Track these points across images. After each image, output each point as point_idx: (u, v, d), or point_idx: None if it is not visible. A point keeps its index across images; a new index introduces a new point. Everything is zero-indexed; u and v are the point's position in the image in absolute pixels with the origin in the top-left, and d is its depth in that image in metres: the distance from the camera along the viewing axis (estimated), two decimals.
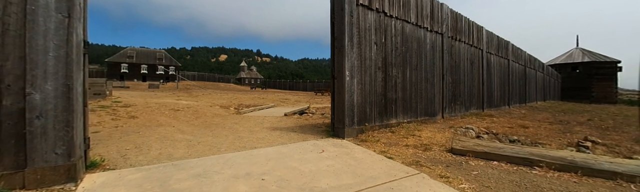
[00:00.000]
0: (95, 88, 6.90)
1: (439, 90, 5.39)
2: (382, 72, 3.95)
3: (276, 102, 10.28)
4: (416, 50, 4.72)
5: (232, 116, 5.75)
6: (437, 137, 3.61)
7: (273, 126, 4.38)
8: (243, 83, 59.97)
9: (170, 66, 50.36)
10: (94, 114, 4.61)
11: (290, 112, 6.16)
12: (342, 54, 3.34)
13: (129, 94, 12.65)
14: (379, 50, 3.91)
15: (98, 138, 3.18)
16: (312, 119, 5.52)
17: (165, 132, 3.70)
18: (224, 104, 8.36)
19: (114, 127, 3.86)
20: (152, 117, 4.94)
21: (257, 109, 7.47)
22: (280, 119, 5.32)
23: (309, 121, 5.12)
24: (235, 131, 3.89)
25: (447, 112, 5.63)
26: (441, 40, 5.49)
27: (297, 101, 11.85)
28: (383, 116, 3.92)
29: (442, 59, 5.52)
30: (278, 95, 17.95)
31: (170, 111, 5.70)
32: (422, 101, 4.83)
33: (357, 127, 3.44)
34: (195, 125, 4.46)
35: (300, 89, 43.79)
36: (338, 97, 3.40)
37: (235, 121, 4.99)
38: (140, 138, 3.30)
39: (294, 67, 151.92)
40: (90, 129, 3.83)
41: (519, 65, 11.36)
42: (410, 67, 4.54)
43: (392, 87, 4.13)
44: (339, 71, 3.39)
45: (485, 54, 7.73)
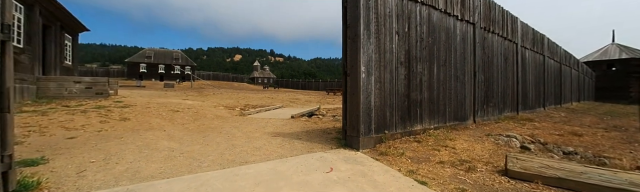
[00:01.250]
0: (97, 87, 6.64)
1: (471, 90, 4.60)
2: (405, 68, 3.26)
3: (285, 103, 9.74)
4: (444, 43, 3.97)
5: (234, 118, 5.24)
6: (476, 149, 2.88)
7: (276, 131, 3.80)
8: (256, 82, 60.31)
9: (186, 66, 51.39)
10: (84, 116, 4.23)
11: (297, 114, 5.58)
12: (356, 46, 2.69)
13: (140, 93, 12.57)
14: (402, 42, 3.22)
15: (69, 146, 2.73)
16: (321, 122, 4.89)
17: (150, 139, 3.20)
18: (229, 104, 7.91)
19: (97, 132, 3.42)
20: (145, 119, 4.51)
21: (263, 110, 6.94)
22: (285, 122, 4.74)
23: (317, 125, 4.50)
24: (230, 137, 3.34)
25: (479, 115, 4.83)
26: (473, 31, 4.70)
27: (307, 101, 11.28)
28: (406, 122, 3.23)
29: (474, 53, 4.72)
30: (289, 94, 17.47)
31: (168, 112, 5.27)
32: (452, 103, 4.08)
33: (374, 136, 2.78)
34: (189, 129, 3.97)
35: (312, 88, 43.32)
36: (351, 98, 2.76)
37: (235, 124, 4.46)
38: (118, 146, 2.81)
39: (307, 67, 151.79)
40: (67, 134, 3.46)
41: (554, 62, 10.18)
42: (437, 63, 3.81)
43: (417, 87, 3.42)
44: (352, 67, 2.75)
45: (520, 48, 6.79)
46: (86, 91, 6.50)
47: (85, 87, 6.50)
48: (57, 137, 3.02)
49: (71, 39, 8.45)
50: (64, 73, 7.80)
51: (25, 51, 5.43)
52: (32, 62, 5.84)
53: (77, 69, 9.16)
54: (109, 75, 48.00)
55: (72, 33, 8.50)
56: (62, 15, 7.13)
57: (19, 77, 5.26)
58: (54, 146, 2.71)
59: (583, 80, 16.59)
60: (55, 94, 6.19)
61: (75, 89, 6.38)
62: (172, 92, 16.64)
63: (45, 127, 3.32)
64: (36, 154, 2.41)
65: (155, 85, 30.88)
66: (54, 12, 6.64)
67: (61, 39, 7.51)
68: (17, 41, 5.12)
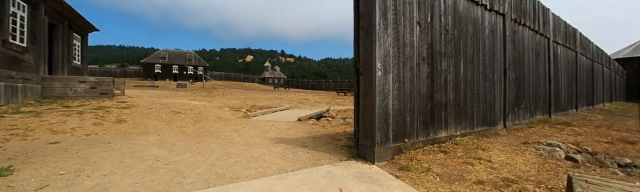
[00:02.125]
0: (102, 87, 6.51)
1: (500, 91, 4.04)
2: (428, 65, 2.78)
3: (294, 103, 9.38)
4: (472, 36, 3.46)
5: (237, 121, 4.91)
6: (517, 162, 2.37)
7: (279, 137, 3.42)
8: (267, 83, 60.58)
9: (199, 66, 52.29)
10: (79, 117, 4.01)
11: (305, 116, 5.18)
12: (370, 38, 2.26)
13: (149, 93, 12.58)
14: (424, 34, 2.75)
15: (47, 153, 2.44)
16: (330, 125, 4.47)
17: (140, 144, 2.89)
18: (235, 105, 7.62)
19: (85, 136, 3.15)
20: (143, 121, 4.24)
21: (270, 111, 6.59)
22: (291, 126, 4.35)
23: (326, 129, 4.09)
24: (228, 144, 2.98)
25: (510, 119, 4.25)
26: (503, 23, 4.14)
27: (316, 101, 10.87)
28: (429, 128, 2.76)
29: (504, 48, 4.16)
30: (298, 95, 17.14)
31: (169, 114, 5.01)
32: (480, 105, 3.56)
33: (392, 146, 2.33)
34: (186, 133, 3.65)
35: (322, 88, 42.91)
36: (365, 101, 2.32)
37: (237, 128, 4.12)
38: (101, 153, 2.50)
39: (317, 67, 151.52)
40: (51, 139, 3.18)
41: (586, 59, 9.29)
42: (464, 59, 3.30)
43: (441, 87, 2.94)
44: (365, 63, 2.31)
45: (551, 44, 6.10)
46: (91, 91, 6.38)
47: (90, 87, 6.37)
48: (39, 141, 2.76)
49: (80, 39, 8.45)
50: (73, 73, 7.78)
51: (29, 50, 5.34)
52: (37, 61, 5.76)
53: (87, 69, 9.17)
54: (126, 76, 49.64)
55: (82, 33, 8.50)
56: (70, 15, 7.08)
57: (22, 76, 5.15)
58: (31, 152, 2.44)
59: (614, 78, 15.32)
60: (60, 94, 6.09)
61: (80, 89, 6.26)
62: (182, 92, 16.69)
63: (31, 130, 3.08)
64: (5, 163, 2.12)
65: (169, 86, 31.44)
66: (61, 12, 6.58)
67: (69, 39, 7.48)
68: (19, 40, 5.01)
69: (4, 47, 4.53)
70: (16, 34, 4.90)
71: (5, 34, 4.56)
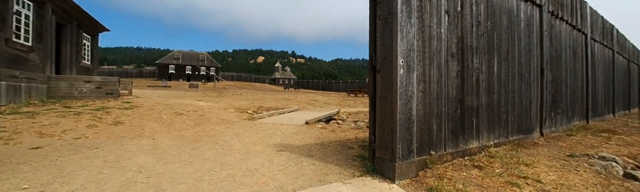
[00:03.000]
0: (108, 87, 6.40)
1: (537, 93, 3.53)
2: (457, 63, 2.35)
3: (302, 105, 9.04)
4: (506, 29, 2.98)
5: (240, 123, 4.60)
6: (574, 182, 1.90)
7: (283, 143, 3.06)
8: (277, 83, 60.77)
9: (211, 67, 53.11)
10: (75, 118, 3.80)
11: (313, 119, 4.81)
12: (390, 28, 1.86)
13: (159, 93, 12.60)
14: (453, 25, 2.32)
15: (22, 160, 2.18)
16: (340, 130, 4.08)
17: (128, 150, 2.61)
18: (242, 106, 7.36)
19: (74, 140, 2.90)
20: (141, 123, 4.00)
21: (277, 113, 6.27)
22: (298, 130, 3.99)
23: (335, 134, 3.70)
24: (225, 151, 2.65)
25: (547, 125, 3.72)
26: (539, 16, 3.62)
27: (326, 103, 10.49)
28: (458, 137, 2.32)
29: (541, 44, 3.64)
30: (308, 95, 16.82)
31: (170, 116, 4.77)
32: (515, 110, 3.07)
33: (416, 160, 1.92)
34: (183, 137, 3.36)
35: (332, 89, 42.46)
36: (383, 105, 1.92)
37: (239, 131, 3.80)
38: (81, 161, 2.23)
39: (327, 68, 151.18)
40: (35, 143, 2.64)
41: (622, 58, 8.45)
42: (498, 56, 2.83)
43: (473, 88, 2.49)
44: (384, 59, 1.91)
45: (589, 41, 5.47)
46: (96, 91, 6.27)
47: (96, 87, 6.27)
48: (21, 146, 2.52)
49: (90, 39, 8.48)
50: (82, 73, 7.78)
51: (34, 49, 5.27)
52: (44, 61, 5.69)
53: (97, 69, 9.20)
54: (141, 76, 51.03)
55: (91, 33, 8.52)
56: (79, 15, 7.06)
57: (26, 76, 5.07)
58: (6, 159, 2.19)
59: None
60: (66, 94, 6.01)
61: (85, 89, 6.16)
62: (192, 92, 16.73)
63: (18, 133, 2.86)
64: None
65: (181, 86, 31.96)
66: (68, 11, 6.55)
67: (78, 39, 7.48)
68: (24, 39, 4.94)
69: (6, 46, 4.44)
70: (20, 32, 4.82)
71: (8, 32, 4.47)
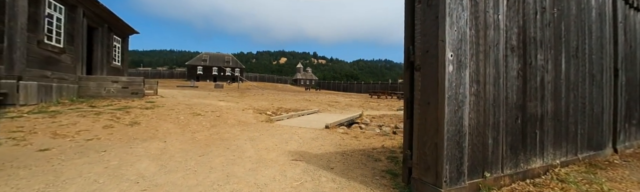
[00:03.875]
0: (133, 87, 6.54)
1: (610, 99, 2.86)
2: (519, 59, 1.86)
3: (323, 106, 8.70)
4: (575, 18, 2.41)
5: (257, 126, 4.36)
6: None
7: (300, 150, 2.73)
8: (299, 84, 61.18)
9: (236, 68, 54.87)
10: (94, 118, 3.78)
11: (333, 122, 4.43)
12: (435, 12, 1.45)
13: (185, 93, 12.96)
14: (513, 11, 1.84)
15: (24, 164, 2.06)
16: (364, 136, 3.66)
17: (135, 155, 2.43)
18: (262, 106, 7.18)
19: (85, 141, 2.80)
20: (157, 124, 3.89)
21: (296, 115, 5.99)
22: (317, 134, 3.64)
23: (359, 141, 3.29)
24: (234, 159, 2.37)
25: (621, 140, 3.01)
26: (612, 3, 2.96)
27: (348, 104, 10.05)
28: (518, 154, 1.83)
29: (615, 38, 2.97)
30: (329, 97, 16.47)
31: (188, 116, 4.66)
32: (585, 120, 2.47)
33: (467, 184, 1.48)
34: (195, 140, 3.16)
35: (354, 90, 41.68)
36: (425, 111, 1.51)
37: (254, 135, 3.54)
38: (82, 167, 2.06)
39: (349, 69, 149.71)
40: (45, 144, 2.46)
41: None
42: (566, 51, 2.27)
43: (536, 92, 1.98)
44: (426, 53, 1.51)
45: None
46: (123, 91, 6.43)
47: (122, 86, 6.42)
48: (30, 148, 2.44)
49: (120, 41, 8.87)
50: (113, 73, 8.11)
51: (66, 51, 5.49)
52: (75, 62, 5.94)
53: (127, 70, 9.61)
54: (172, 77, 53.92)
55: (122, 35, 8.92)
56: (109, 18, 7.37)
57: (58, 76, 5.27)
58: (9, 162, 2.08)
59: None
60: (95, 94, 6.21)
61: (112, 89, 6.34)
62: (217, 92, 17.12)
63: (33, 134, 2.82)
64: None
65: (208, 86, 33.17)
66: (99, 14, 6.84)
67: (109, 41, 7.81)
68: (56, 41, 5.15)
69: (38, 48, 4.63)
70: (52, 35, 5.03)
71: (41, 34, 4.66)
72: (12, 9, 4.01)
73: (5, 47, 4.04)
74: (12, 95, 4.10)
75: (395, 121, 5.65)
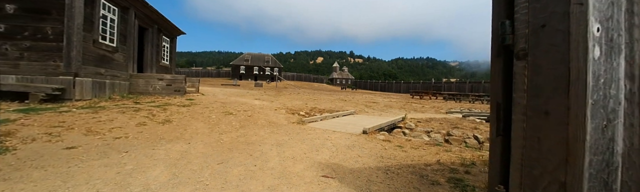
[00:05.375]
0: (176, 85, 6.81)
1: None
2: None
3: (360, 107, 8.10)
4: None
5: (287, 127, 4.02)
6: None
7: (332, 162, 2.26)
8: (335, 83, 60.83)
9: (275, 68, 56.84)
10: (131, 115, 3.84)
11: (373, 127, 3.86)
12: None
13: (226, 91, 13.50)
14: None
15: (43, 164, 1.97)
16: (411, 145, 3.04)
17: (153, 158, 2.24)
18: (295, 106, 6.91)
19: (113, 139, 2.73)
20: (188, 123, 3.80)
21: (330, 116, 5.54)
22: (353, 141, 3.13)
23: (405, 152, 2.70)
24: (254, 171, 2.01)
25: None
26: None
27: (387, 105, 9.27)
28: None
29: None
30: (366, 97, 15.69)
31: (220, 115, 4.54)
32: None
33: None
34: (220, 142, 2.91)
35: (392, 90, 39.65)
36: (538, 127, 0.90)
37: (283, 139, 3.18)
38: (96, 170, 1.90)
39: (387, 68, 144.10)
40: (75, 141, 2.36)
41: None
42: None
43: None
44: (542, 27, 0.89)
45: None
46: (167, 88, 6.73)
47: (166, 84, 6.72)
48: (60, 145, 2.41)
49: (169, 41, 9.47)
50: (161, 72, 8.67)
51: (118, 50, 5.89)
52: (127, 60, 6.37)
53: (175, 69, 10.25)
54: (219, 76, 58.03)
55: (170, 36, 9.51)
56: (159, 19, 7.85)
57: (111, 73, 5.67)
58: (32, 160, 2.02)
59: None
60: (143, 90, 6.60)
61: (158, 86, 6.66)
62: (255, 91, 17.63)
63: (69, 129, 2.86)
64: None
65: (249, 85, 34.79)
66: (149, 16, 7.29)
67: (159, 41, 8.36)
68: (109, 40, 5.53)
69: (93, 47, 4.98)
70: (106, 34, 5.40)
71: (95, 34, 5.00)
72: (70, 11, 4.32)
73: (64, 46, 4.37)
74: (68, 90, 4.43)
75: (446, 126, 4.83)
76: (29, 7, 4.25)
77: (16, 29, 4.22)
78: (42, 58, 4.36)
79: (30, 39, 4.29)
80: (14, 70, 4.26)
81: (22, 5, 4.22)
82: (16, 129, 2.62)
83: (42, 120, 3.05)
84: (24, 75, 4.28)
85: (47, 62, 4.38)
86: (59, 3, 4.30)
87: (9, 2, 4.17)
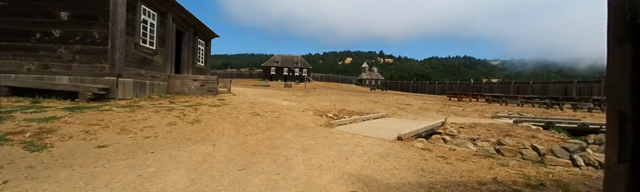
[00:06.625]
0: (209, 85, 7.02)
1: None
2: None
3: (391, 109, 7.60)
4: None
5: (314, 131, 3.80)
6: None
7: (363, 174, 1.97)
8: (364, 84, 59.63)
9: (304, 69, 57.53)
10: (164, 114, 3.93)
11: (409, 133, 3.46)
12: None
13: (256, 92, 13.81)
14: None
15: (73, 162, 1.98)
16: (456, 156, 2.61)
17: (176, 161, 2.16)
18: (323, 108, 6.68)
19: (143, 139, 2.75)
20: (216, 123, 3.77)
21: (360, 119, 5.21)
22: (387, 149, 2.79)
23: (451, 165, 2.29)
24: (276, 181, 1.81)
25: None
26: None
27: (422, 108, 8.60)
28: None
29: None
30: (397, 98, 14.93)
31: (247, 116, 4.49)
32: None
33: None
34: (245, 145, 2.78)
35: (426, 91, 37.48)
36: None
37: (309, 143, 2.96)
38: (120, 171, 1.84)
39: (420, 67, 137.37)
40: (107, 140, 2.41)
41: None
42: None
43: None
44: None
45: None
46: (201, 88, 6.96)
47: (200, 85, 6.96)
48: (92, 143, 2.46)
49: (204, 44, 9.91)
50: (197, 73, 9.09)
51: (158, 52, 6.23)
52: (165, 62, 6.73)
53: (209, 70, 10.71)
54: (252, 77, 60.40)
55: (205, 39, 9.95)
56: (194, 23, 8.22)
57: (150, 74, 6.00)
58: (62, 159, 2.05)
59: None
60: (179, 90, 6.90)
61: (193, 86, 6.93)
62: (284, 91, 17.83)
63: (105, 128, 2.95)
64: (12, 175, 1.70)
65: (279, 85, 35.58)
66: (186, 20, 7.65)
67: (194, 43, 8.77)
68: (149, 43, 5.86)
69: (135, 49, 5.29)
70: (146, 38, 5.73)
71: (137, 38, 5.32)
72: (114, 16, 4.61)
73: (109, 49, 4.68)
74: (112, 90, 4.72)
75: (495, 133, 4.21)
76: (79, 14, 4.63)
77: (69, 34, 4.62)
78: (90, 60, 4.71)
79: (81, 43, 4.66)
80: (67, 72, 4.66)
81: (74, 12, 4.61)
82: (59, 127, 2.76)
83: (83, 118, 3.22)
84: (75, 76, 4.66)
85: (94, 64, 4.72)
86: (104, 9, 4.62)
87: (64, 10, 4.57)
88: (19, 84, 4.40)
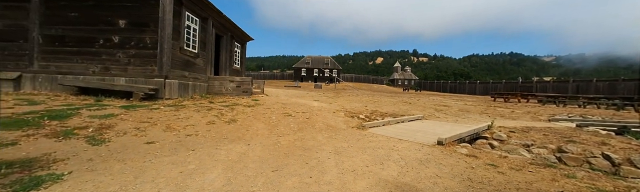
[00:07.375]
0: (244, 86, 7.32)
1: None
2: None
3: (428, 111, 7.15)
4: None
5: (346, 133, 3.70)
6: None
7: (401, 182, 1.83)
8: (396, 84, 57.60)
9: (334, 69, 57.54)
10: (204, 114, 4.16)
11: (451, 137, 3.18)
12: None
13: (287, 92, 14.11)
14: None
15: (126, 157, 2.16)
16: (508, 164, 2.31)
17: (214, 159, 2.24)
18: (354, 109, 6.54)
19: (185, 136, 2.92)
20: (250, 123, 3.89)
21: (394, 121, 4.97)
22: (426, 154, 2.59)
23: (503, 175, 2.03)
24: (310, 185, 1.77)
25: None
26: None
27: (462, 109, 7.95)
28: None
29: None
30: (433, 99, 14.07)
31: (279, 116, 4.56)
32: None
33: None
34: (277, 146, 2.80)
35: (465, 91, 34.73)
36: None
37: (341, 146, 2.88)
38: (164, 167, 1.96)
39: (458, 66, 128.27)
40: (155, 137, 2.60)
41: None
42: None
43: None
44: None
45: None
46: (237, 89, 7.29)
47: (236, 86, 7.29)
48: (142, 140, 2.67)
49: (240, 47, 10.40)
50: (233, 75, 9.57)
51: (199, 55, 6.68)
52: (206, 64, 7.19)
53: (245, 72, 11.21)
54: (283, 78, 62.19)
55: (241, 42, 10.44)
56: (232, 27, 8.67)
57: (193, 76, 6.45)
58: (117, 153, 2.24)
59: None
60: (218, 91, 7.32)
61: (229, 87, 7.29)
62: (314, 92, 17.95)
63: (153, 125, 3.20)
64: (75, 166, 1.90)
65: (309, 86, 36.05)
66: (224, 24, 8.10)
67: (231, 47, 9.24)
68: (192, 47, 6.30)
69: (180, 53, 5.73)
70: (190, 42, 6.17)
71: (182, 42, 5.75)
72: (162, 23, 5.04)
73: (158, 53, 5.13)
74: (160, 90, 5.16)
75: (555, 139, 3.68)
76: (134, 22, 5.14)
77: (126, 40, 5.16)
78: (142, 63, 5.21)
79: (135, 48, 5.17)
80: (124, 74, 5.21)
81: (130, 20, 5.14)
82: (115, 123, 3.06)
83: (136, 115, 3.54)
84: (130, 78, 5.19)
85: (146, 67, 5.21)
86: (154, 17, 5.07)
87: (122, 18, 5.12)
88: (86, 84, 5.02)
